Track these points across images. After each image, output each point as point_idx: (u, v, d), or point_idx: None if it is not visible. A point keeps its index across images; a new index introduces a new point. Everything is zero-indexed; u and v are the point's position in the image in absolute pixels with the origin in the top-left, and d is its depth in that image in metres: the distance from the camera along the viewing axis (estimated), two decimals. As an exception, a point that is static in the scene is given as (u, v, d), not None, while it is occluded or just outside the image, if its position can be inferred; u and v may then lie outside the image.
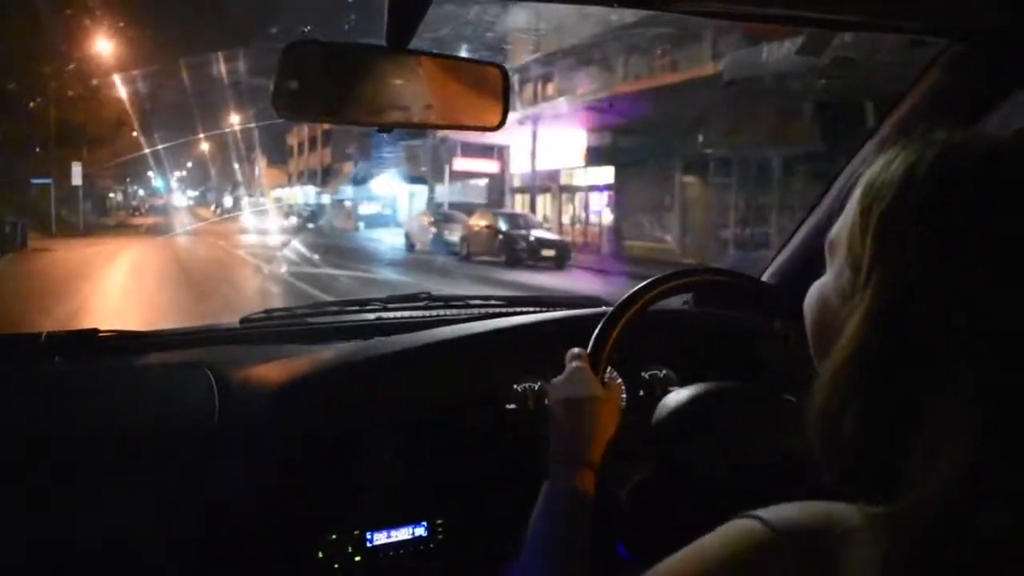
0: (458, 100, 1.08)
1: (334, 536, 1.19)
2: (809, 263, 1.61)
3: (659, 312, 1.41)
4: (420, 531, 1.25)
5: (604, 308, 1.18)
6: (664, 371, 1.42)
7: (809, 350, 0.69)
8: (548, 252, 16.46)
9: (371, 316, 1.69)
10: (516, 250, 16.48)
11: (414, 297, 1.80)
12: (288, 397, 1.24)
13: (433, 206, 26.32)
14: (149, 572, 1.20)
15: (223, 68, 29.86)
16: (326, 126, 31.29)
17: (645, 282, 1.09)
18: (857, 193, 0.61)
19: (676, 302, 1.73)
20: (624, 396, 1.36)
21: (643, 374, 1.41)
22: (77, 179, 22.59)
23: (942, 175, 0.56)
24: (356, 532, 1.21)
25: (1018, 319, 0.51)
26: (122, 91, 24.86)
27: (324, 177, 40.35)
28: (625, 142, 18.17)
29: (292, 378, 1.27)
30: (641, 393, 1.39)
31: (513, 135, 20.36)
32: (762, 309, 1.19)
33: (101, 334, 1.44)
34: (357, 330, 1.59)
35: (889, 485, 0.53)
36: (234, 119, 36.39)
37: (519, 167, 23.88)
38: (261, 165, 47.67)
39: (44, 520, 1.13)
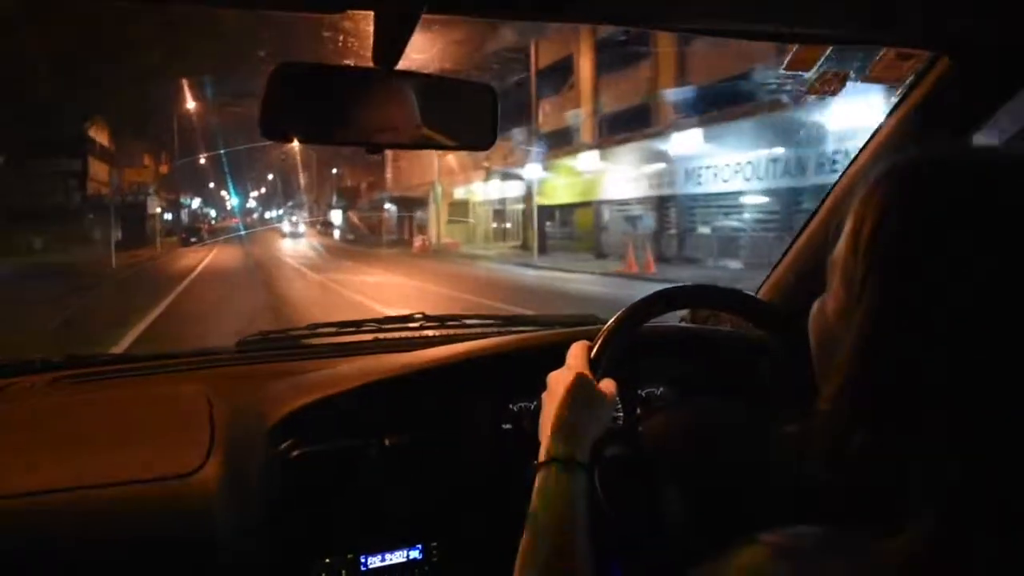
0: (447, 120, 1.08)
1: (328, 560, 1.18)
2: (804, 278, 1.62)
3: (655, 329, 1.41)
4: (415, 554, 1.24)
5: (599, 326, 1.17)
6: (661, 389, 1.41)
7: (803, 366, 0.68)
8: None
9: (367, 337, 1.68)
10: None
11: (410, 317, 1.79)
12: (283, 420, 1.23)
13: None
14: None
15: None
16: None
17: (639, 299, 1.09)
18: (850, 213, 0.61)
19: (673, 319, 1.72)
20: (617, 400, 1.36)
21: (640, 392, 1.39)
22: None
23: (924, 197, 0.55)
24: (350, 556, 1.19)
25: (1000, 341, 0.50)
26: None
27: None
28: None
29: (287, 401, 1.25)
30: (638, 411, 1.38)
31: None
32: (757, 325, 1.19)
33: (98, 358, 1.44)
34: (353, 351, 1.58)
35: (894, 509, 0.53)
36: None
37: None
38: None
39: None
